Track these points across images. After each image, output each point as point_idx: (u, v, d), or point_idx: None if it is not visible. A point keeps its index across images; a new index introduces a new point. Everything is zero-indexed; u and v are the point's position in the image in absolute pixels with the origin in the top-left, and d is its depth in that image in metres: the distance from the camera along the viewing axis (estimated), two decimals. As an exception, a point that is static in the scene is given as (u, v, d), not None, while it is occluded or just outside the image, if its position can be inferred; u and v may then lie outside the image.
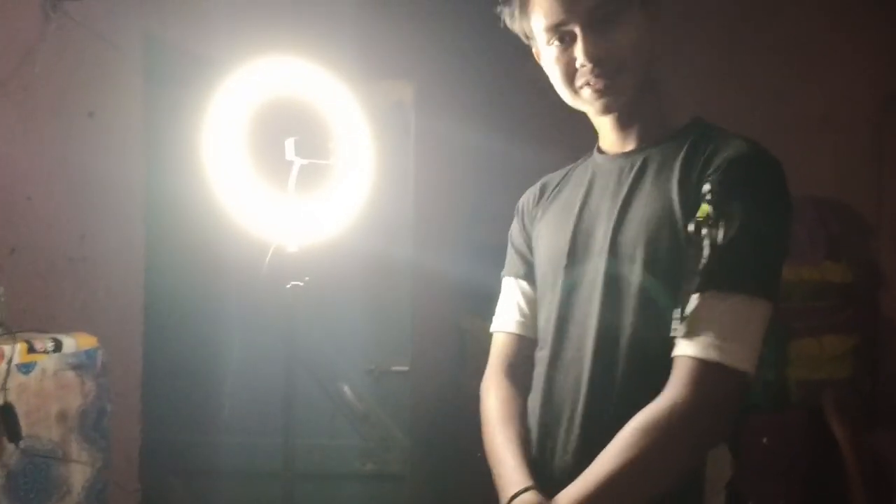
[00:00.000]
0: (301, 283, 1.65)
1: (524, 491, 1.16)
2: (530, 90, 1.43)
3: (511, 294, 1.42)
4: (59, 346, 1.68)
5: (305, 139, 1.65)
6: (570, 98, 1.27)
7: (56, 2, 2.00)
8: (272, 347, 1.88)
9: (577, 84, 1.23)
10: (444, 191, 3.46)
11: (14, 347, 1.57)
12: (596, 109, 1.26)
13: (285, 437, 1.68)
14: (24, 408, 1.59)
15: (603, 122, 1.31)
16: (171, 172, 2.30)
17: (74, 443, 1.72)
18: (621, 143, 1.30)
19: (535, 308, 1.38)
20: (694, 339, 1.09)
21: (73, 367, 1.71)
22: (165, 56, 2.37)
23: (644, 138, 1.28)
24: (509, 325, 1.40)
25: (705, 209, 1.13)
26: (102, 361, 1.79)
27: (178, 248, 2.47)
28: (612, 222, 1.22)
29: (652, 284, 1.17)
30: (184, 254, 2.48)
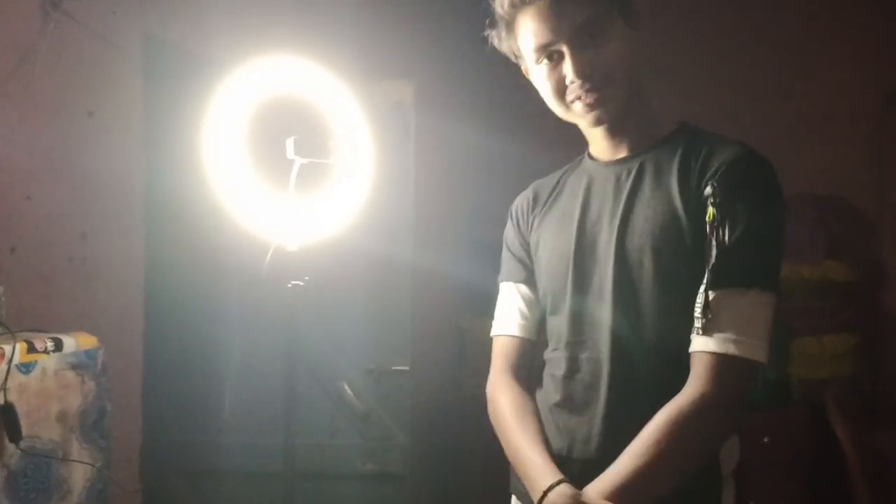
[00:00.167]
0: (301, 283, 1.65)
1: (558, 483, 1.22)
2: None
3: (511, 298, 1.46)
4: (59, 346, 1.68)
5: (306, 138, 1.65)
6: (561, 112, 1.33)
7: (55, 1, 2.00)
8: (272, 347, 1.88)
9: (568, 99, 1.29)
10: (445, 190, 3.46)
11: (14, 347, 1.57)
12: (588, 122, 1.31)
13: (285, 437, 1.68)
14: (24, 407, 1.59)
15: (595, 131, 1.36)
16: (172, 172, 2.30)
17: (75, 442, 1.72)
18: (613, 150, 1.35)
19: (535, 311, 1.43)
20: (713, 336, 1.17)
21: (74, 367, 1.71)
22: (165, 55, 2.36)
23: (635, 145, 1.33)
24: (511, 329, 1.44)
25: (712, 212, 1.19)
26: (103, 361, 1.79)
27: (179, 247, 2.46)
28: (615, 227, 1.28)
29: (662, 285, 1.23)
30: (184, 253, 2.47)
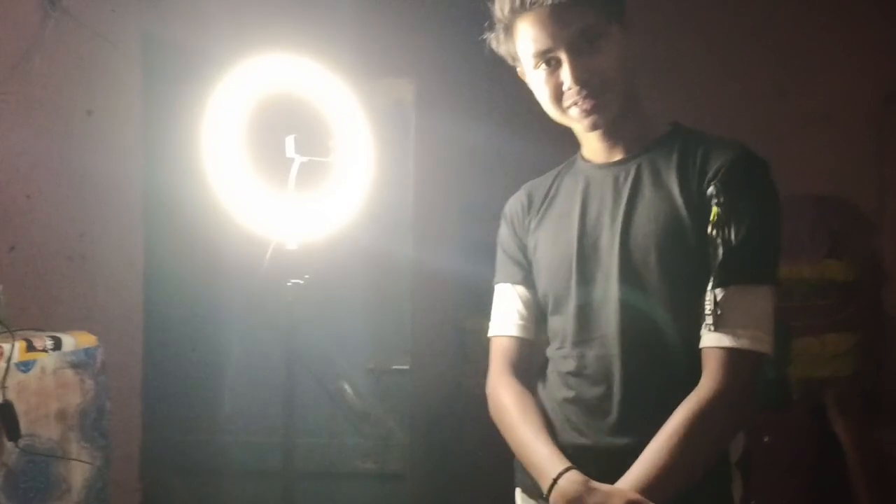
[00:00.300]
0: (301, 281, 1.65)
1: (566, 470, 1.25)
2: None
3: (508, 299, 1.48)
4: (58, 345, 1.68)
5: (305, 136, 1.65)
6: (558, 116, 1.35)
7: (55, 0, 2.00)
8: (272, 345, 1.88)
9: (565, 104, 1.31)
10: (444, 189, 3.45)
11: (13, 346, 1.57)
12: (584, 127, 1.34)
13: (285, 436, 1.68)
14: (23, 406, 1.58)
15: (590, 134, 1.38)
16: (171, 170, 2.29)
17: (74, 441, 1.71)
18: (608, 152, 1.38)
19: (533, 311, 1.45)
20: (726, 331, 1.22)
21: (73, 366, 1.71)
22: (164, 53, 2.36)
23: (630, 147, 1.36)
24: (510, 329, 1.46)
25: (716, 211, 1.23)
26: (102, 360, 1.79)
27: (178, 245, 2.46)
28: (618, 228, 1.30)
29: (667, 282, 1.27)
30: (183, 251, 2.47)
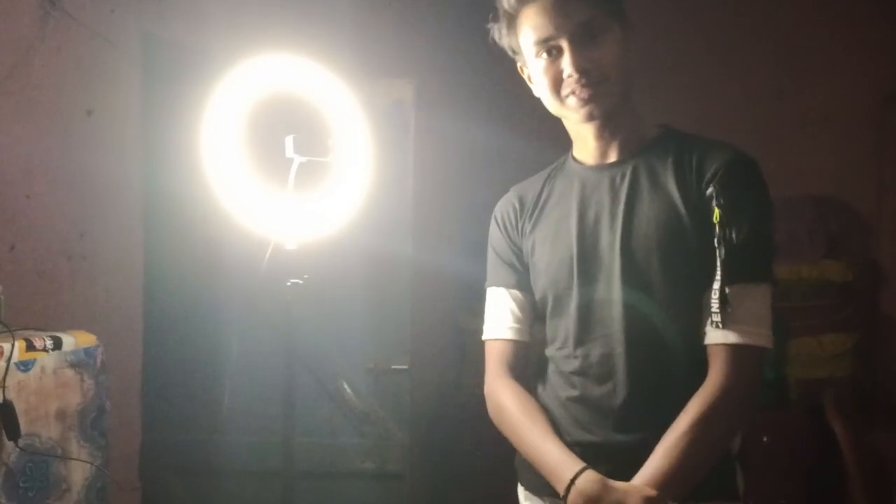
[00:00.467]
0: (300, 281, 1.65)
1: (582, 471, 1.26)
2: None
3: (502, 302, 1.48)
4: (58, 344, 1.68)
5: (305, 136, 1.65)
6: (555, 106, 1.37)
7: (54, 0, 2.00)
8: (271, 345, 1.88)
9: (563, 94, 1.33)
10: (444, 189, 3.46)
11: (13, 345, 1.57)
12: (581, 116, 1.35)
13: (285, 436, 1.68)
14: (23, 406, 1.59)
15: (585, 131, 1.39)
16: (170, 170, 2.29)
17: (74, 441, 1.72)
18: (602, 153, 1.40)
19: (528, 313, 1.46)
20: (731, 328, 1.25)
21: (73, 365, 1.71)
22: (164, 53, 2.36)
23: (624, 149, 1.38)
24: (505, 332, 1.47)
25: (718, 213, 1.26)
26: (102, 359, 1.79)
27: (177, 245, 2.46)
28: (618, 229, 1.32)
29: (669, 281, 1.30)
30: (183, 251, 2.47)
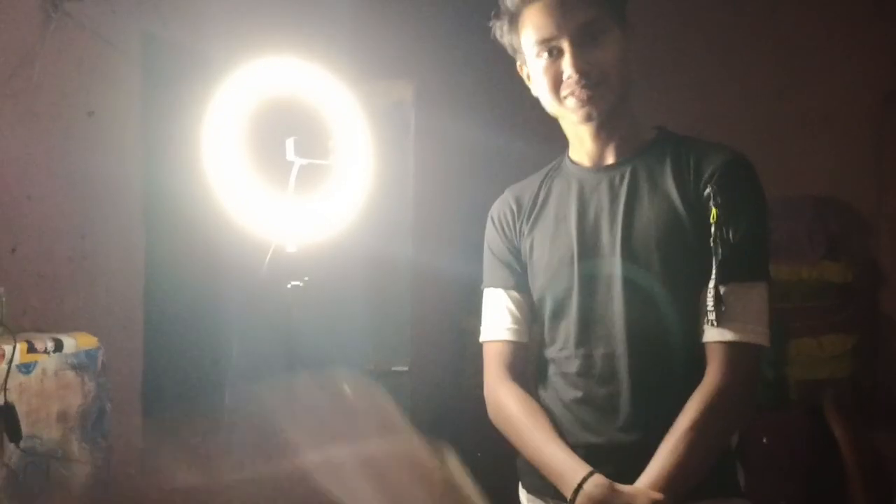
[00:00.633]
0: (301, 283, 1.66)
1: (590, 475, 1.27)
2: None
3: (499, 303, 1.48)
4: (59, 346, 1.68)
5: (305, 139, 1.65)
6: (554, 106, 1.37)
7: (56, 2, 2.00)
8: (272, 346, 1.88)
9: (563, 94, 1.34)
10: (444, 190, 3.46)
11: (14, 347, 1.57)
12: (579, 117, 1.35)
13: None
14: (24, 407, 1.59)
15: (582, 132, 1.39)
16: (171, 172, 2.29)
17: (75, 442, 1.72)
18: (599, 154, 1.40)
19: (526, 314, 1.46)
20: (728, 327, 1.27)
21: (74, 367, 1.71)
22: (165, 56, 2.36)
23: (621, 151, 1.39)
24: (504, 334, 1.46)
25: (715, 212, 1.28)
26: (103, 361, 1.79)
27: (178, 247, 2.46)
28: (618, 230, 1.33)
29: (669, 280, 1.31)
30: (183, 253, 2.47)
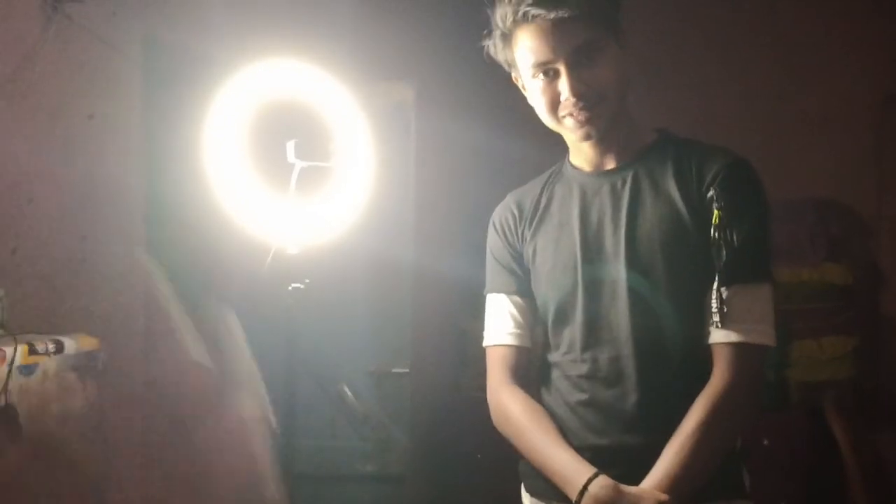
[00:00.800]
0: (302, 286, 1.66)
1: (595, 476, 1.28)
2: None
3: (502, 308, 1.49)
4: (60, 348, 1.68)
5: (306, 141, 1.65)
6: (552, 125, 1.40)
7: (56, 4, 2.00)
8: (273, 349, 1.88)
9: (561, 114, 1.36)
10: (445, 192, 3.46)
11: (15, 349, 1.57)
12: (578, 137, 1.38)
13: (286, 439, 1.68)
14: (25, 409, 1.59)
15: (583, 144, 1.41)
16: (172, 174, 2.30)
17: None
18: (600, 160, 1.43)
19: (529, 319, 1.47)
20: (733, 328, 1.29)
21: (75, 369, 1.72)
22: (166, 58, 2.37)
23: (621, 155, 1.41)
24: (507, 338, 1.47)
25: (718, 214, 1.29)
26: (103, 363, 1.80)
27: (179, 249, 2.46)
28: (622, 234, 1.34)
29: (673, 282, 1.32)
30: (184, 255, 2.47)
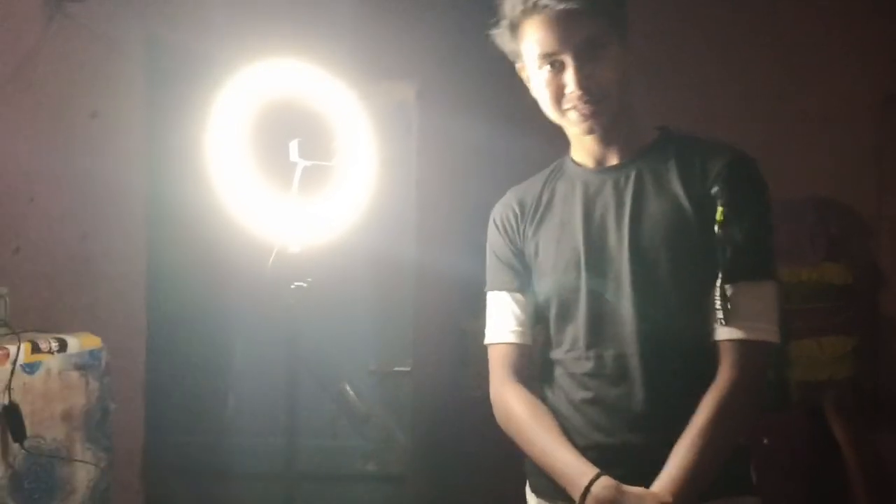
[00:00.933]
0: (304, 284, 1.66)
1: (597, 477, 1.27)
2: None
3: (504, 306, 1.49)
4: (63, 346, 1.69)
5: (309, 140, 1.66)
6: (556, 117, 1.40)
7: (59, 3, 2.01)
8: (274, 348, 1.88)
9: (565, 107, 1.36)
10: (447, 191, 3.46)
11: (19, 347, 1.58)
12: (581, 130, 1.39)
13: (287, 438, 1.68)
14: (28, 407, 1.60)
15: (585, 138, 1.41)
16: (174, 172, 2.30)
17: (78, 443, 1.73)
18: (602, 157, 1.43)
19: (531, 317, 1.47)
20: (738, 325, 1.29)
21: (78, 367, 1.72)
22: (168, 57, 2.37)
23: (624, 152, 1.41)
24: (509, 336, 1.47)
25: (721, 211, 1.29)
26: (106, 361, 1.80)
27: (181, 247, 2.47)
28: (625, 230, 1.34)
29: (677, 279, 1.32)
30: (186, 253, 2.48)
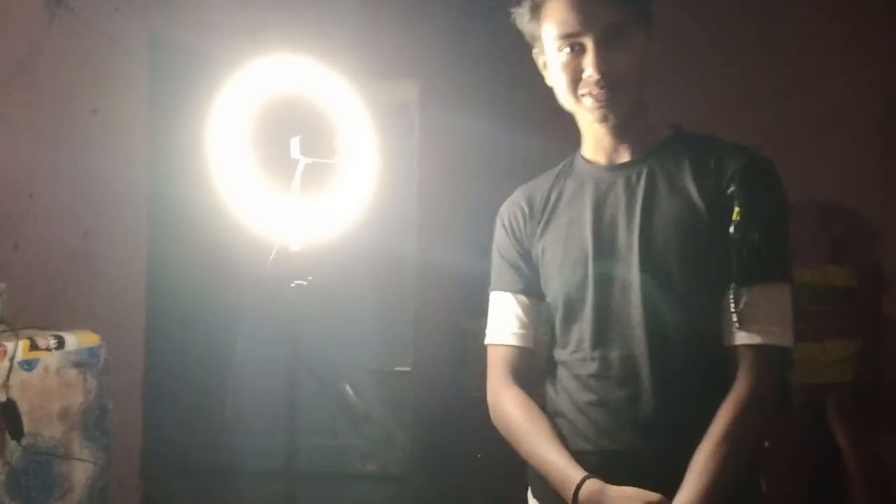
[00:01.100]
0: (304, 283, 1.65)
1: (584, 481, 1.27)
2: (537, 88, 1.44)
3: (507, 307, 1.47)
4: (61, 344, 1.68)
5: (310, 138, 1.65)
6: (570, 102, 1.36)
7: (60, 0, 2.00)
8: (275, 346, 1.88)
9: (581, 92, 1.33)
10: (449, 190, 3.45)
11: (17, 344, 1.57)
12: (595, 117, 1.34)
13: (287, 437, 1.68)
14: (26, 405, 1.59)
15: (598, 129, 1.38)
16: (175, 170, 2.29)
17: (76, 440, 1.72)
18: (613, 153, 1.39)
19: (534, 319, 1.45)
20: (754, 329, 1.26)
21: (76, 365, 1.71)
22: (170, 54, 2.36)
23: (635, 149, 1.38)
24: (510, 338, 1.45)
25: (738, 212, 1.26)
26: (105, 359, 1.79)
27: (181, 245, 2.46)
28: (635, 229, 1.31)
29: (689, 280, 1.29)
30: (186, 252, 2.47)
